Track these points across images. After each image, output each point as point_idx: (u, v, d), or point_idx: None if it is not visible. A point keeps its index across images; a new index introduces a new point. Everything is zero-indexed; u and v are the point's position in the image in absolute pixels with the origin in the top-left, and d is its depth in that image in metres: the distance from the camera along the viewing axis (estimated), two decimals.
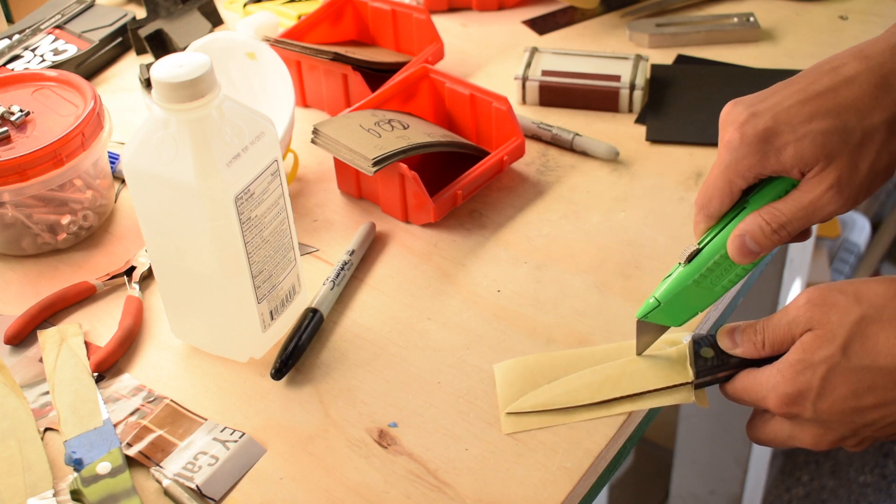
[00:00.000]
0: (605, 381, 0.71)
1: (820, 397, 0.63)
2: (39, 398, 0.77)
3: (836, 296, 0.63)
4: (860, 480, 1.99)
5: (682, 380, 0.70)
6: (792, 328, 0.64)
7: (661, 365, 0.71)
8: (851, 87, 0.64)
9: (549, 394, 0.72)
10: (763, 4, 1.17)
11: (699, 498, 1.72)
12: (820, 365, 0.62)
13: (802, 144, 0.63)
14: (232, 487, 0.70)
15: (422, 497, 0.68)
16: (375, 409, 0.74)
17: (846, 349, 0.62)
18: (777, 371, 0.64)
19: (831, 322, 0.62)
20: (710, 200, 0.68)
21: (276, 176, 0.73)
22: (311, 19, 1.08)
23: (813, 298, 0.63)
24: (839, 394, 0.62)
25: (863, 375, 0.62)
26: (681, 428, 1.66)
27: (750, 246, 0.66)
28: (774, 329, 0.66)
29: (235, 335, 0.77)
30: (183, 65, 0.67)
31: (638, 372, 0.71)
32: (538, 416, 0.71)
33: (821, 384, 0.63)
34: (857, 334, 0.62)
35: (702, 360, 0.69)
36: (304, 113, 1.06)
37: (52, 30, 1.15)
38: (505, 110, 0.93)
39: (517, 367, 0.74)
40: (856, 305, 0.62)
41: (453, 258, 0.86)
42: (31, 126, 0.88)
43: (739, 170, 0.66)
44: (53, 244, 0.89)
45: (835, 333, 0.62)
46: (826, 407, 0.63)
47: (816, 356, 0.62)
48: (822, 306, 0.63)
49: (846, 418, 0.63)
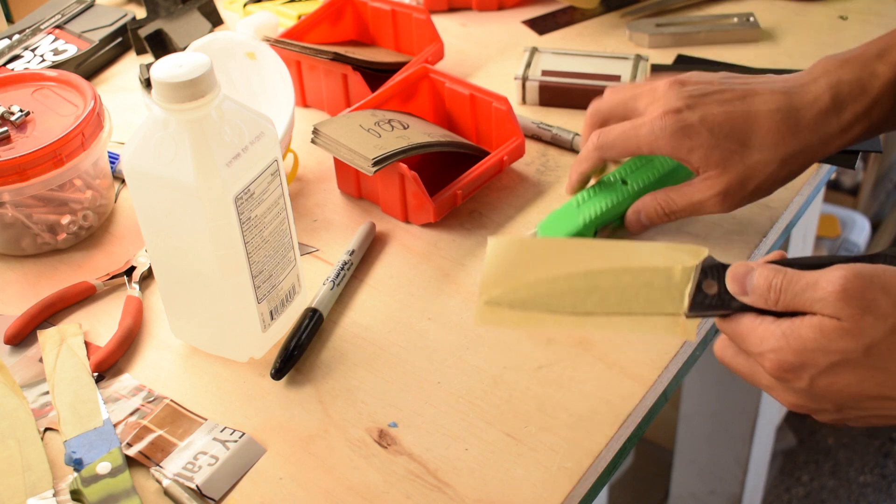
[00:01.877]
0: (593, 291, 0.65)
1: (821, 376, 0.59)
2: (39, 398, 0.77)
3: (878, 294, 0.58)
4: (860, 480, 1.99)
5: (674, 310, 0.63)
6: (815, 306, 0.59)
7: (657, 286, 0.64)
8: (766, 121, 0.76)
9: (531, 292, 0.65)
10: (763, 4, 1.17)
11: (699, 498, 1.72)
12: (835, 353, 0.58)
13: (711, 154, 0.77)
14: (232, 487, 0.70)
15: (422, 497, 0.68)
16: (375, 409, 0.74)
17: (870, 350, 0.58)
18: (783, 335, 0.60)
19: (864, 321, 0.58)
20: (611, 148, 0.80)
21: (276, 176, 0.73)
22: (311, 19, 1.08)
23: (851, 290, 0.58)
24: (843, 379, 0.59)
25: (876, 374, 0.59)
26: (681, 428, 1.66)
27: (643, 221, 0.82)
28: (796, 297, 0.60)
29: (235, 335, 0.77)
30: (183, 65, 0.67)
31: (630, 289, 0.64)
32: (515, 312, 0.65)
33: (828, 367, 0.59)
34: (888, 340, 0.58)
35: (702, 293, 0.63)
36: (304, 113, 1.06)
37: (52, 30, 1.15)
38: (505, 110, 0.93)
39: (512, 248, 0.67)
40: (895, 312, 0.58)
41: (453, 258, 0.86)
42: (31, 126, 0.88)
43: (651, 146, 0.78)
44: (53, 244, 0.89)
45: (863, 333, 0.58)
46: (823, 385, 0.60)
47: (834, 345, 0.58)
48: (860, 301, 0.58)
49: (839, 399, 0.60)
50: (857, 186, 2.23)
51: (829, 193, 2.24)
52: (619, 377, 0.75)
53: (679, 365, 0.78)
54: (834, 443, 2.07)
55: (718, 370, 1.51)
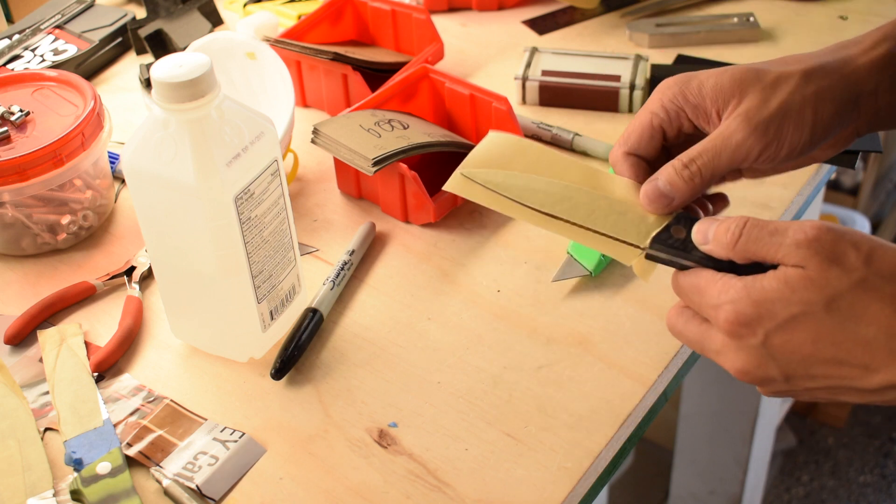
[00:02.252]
0: (566, 199, 0.65)
1: (778, 330, 0.57)
2: (39, 398, 0.77)
3: (847, 248, 0.57)
4: (860, 480, 1.99)
5: (636, 241, 0.63)
6: (780, 253, 0.57)
7: (629, 217, 0.64)
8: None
9: (508, 178, 0.65)
10: (763, 4, 1.17)
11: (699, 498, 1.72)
12: (796, 304, 0.56)
13: (722, 78, 0.66)
14: (232, 487, 0.70)
15: (422, 497, 0.68)
16: (375, 409, 0.74)
17: (831, 303, 0.56)
18: (743, 286, 0.58)
19: (830, 273, 0.56)
20: (630, 135, 0.67)
21: (276, 176, 0.73)
22: (311, 19, 1.08)
23: (822, 240, 0.56)
24: (800, 335, 0.57)
25: (834, 329, 0.56)
26: (681, 428, 1.66)
27: (662, 187, 0.64)
28: (758, 242, 0.58)
29: (235, 335, 0.77)
30: (182, 65, 0.67)
31: (602, 210, 0.64)
32: (485, 190, 0.65)
33: (787, 319, 0.57)
34: (851, 294, 0.56)
35: (666, 234, 0.62)
36: (304, 113, 1.06)
37: (52, 30, 1.15)
38: (505, 110, 0.93)
39: (507, 143, 0.67)
40: (864, 267, 0.56)
41: (453, 258, 0.86)
42: (31, 126, 0.88)
43: (662, 100, 0.67)
44: (53, 244, 0.89)
45: (828, 283, 0.56)
46: (778, 342, 0.57)
47: (797, 296, 0.56)
48: (828, 254, 0.56)
49: (791, 361, 0.58)
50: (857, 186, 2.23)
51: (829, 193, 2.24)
52: (619, 377, 0.75)
53: (679, 365, 0.78)
54: (834, 443, 2.07)
55: (718, 370, 1.51)
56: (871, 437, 2.07)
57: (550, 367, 0.76)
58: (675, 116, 0.67)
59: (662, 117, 0.67)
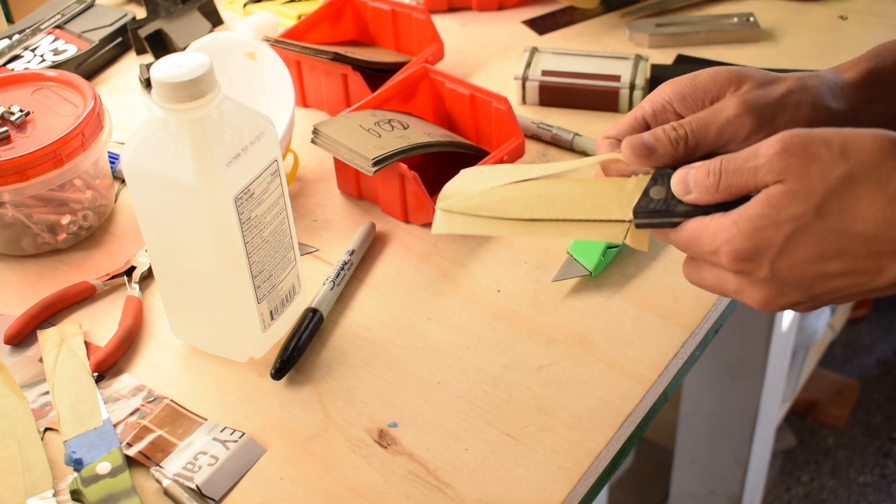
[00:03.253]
0: (542, 198, 0.64)
1: (780, 256, 0.56)
2: (39, 398, 0.77)
3: (819, 147, 0.55)
4: (860, 480, 1.99)
5: (621, 216, 0.62)
6: (759, 175, 0.56)
7: (607, 194, 0.63)
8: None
9: (484, 198, 0.65)
10: (763, 4, 1.17)
11: (699, 498, 1.72)
12: (787, 223, 0.55)
13: (719, 71, 0.65)
14: (232, 487, 0.70)
15: (422, 497, 0.68)
16: (375, 409, 0.74)
17: (821, 209, 0.54)
18: (733, 223, 0.57)
19: (810, 177, 0.55)
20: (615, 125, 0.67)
21: (276, 176, 0.73)
22: (311, 19, 1.08)
23: (790, 146, 0.55)
24: (803, 255, 0.56)
25: (834, 238, 0.55)
26: (681, 428, 1.66)
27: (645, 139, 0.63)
28: (737, 173, 0.57)
29: (235, 335, 0.77)
30: (182, 65, 0.67)
31: (579, 196, 0.63)
32: (467, 218, 0.65)
33: (784, 242, 0.56)
34: (837, 194, 0.54)
35: (647, 198, 0.61)
36: (304, 113, 1.06)
37: (52, 30, 1.15)
38: (505, 110, 0.93)
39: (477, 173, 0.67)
40: (841, 161, 0.55)
41: (453, 258, 0.86)
42: (31, 126, 0.88)
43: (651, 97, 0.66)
44: (53, 244, 0.89)
45: (812, 190, 0.55)
46: (785, 267, 0.56)
47: (784, 213, 0.55)
48: (802, 158, 0.55)
49: (805, 282, 0.57)
50: None
51: None
52: (619, 377, 0.75)
53: (679, 365, 0.78)
54: (834, 443, 2.07)
55: (718, 370, 1.52)
56: (871, 437, 2.07)
57: (550, 367, 0.76)
58: (660, 110, 0.66)
59: (647, 109, 0.66)
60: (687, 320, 0.79)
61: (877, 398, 2.14)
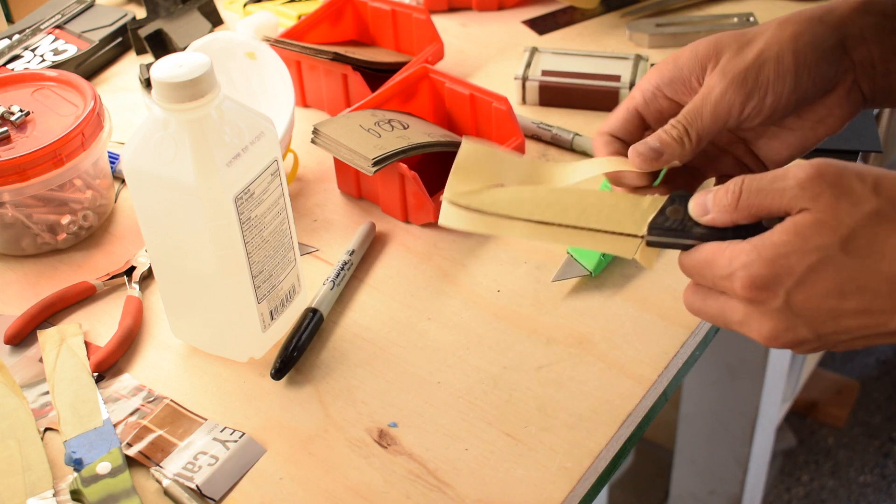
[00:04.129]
0: (555, 203, 0.63)
1: (798, 287, 0.54)
2: (39, 398, 0.77)
3: (852, 180, 0.53)
4: (860, 480, 1.99)
5: (634, 231, 0.61)
6: (785, 198, 0.54)
7: (622, 208, 0.62)
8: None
9: (494, 196, 0.64)
10: (763, 4, 1.17)
11: (699, 498, 1.72)
12: (811, 253, 0.53)
13: (698, 46, 0.64)
14: (232, 487, 0.70)
15: (422, 497, 0.68)
16: (375, 409, 0.74)
17: (847, 242, 0.53)
18: (753, 248, 0.54)
19: (840, 208, 0.53)
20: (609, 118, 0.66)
21: (276, 176, 0.73)
22: (311, 19, 1.08)
23: (825, 175, 0.53)
24: (822, 288, 0.53)
25: (856, 273, 0.53)
26: (681, 428, 1.66)
27: (651, 142, 0.63)
28: (760, 193, 0.55)
29: (235, 335, 0.77)
30: (182, 65, 0.67)
31: (593, 207, 0.62)
32: (474, 215, 0.64)
33: (805, 273, 0.53)
34: (866, 229, 0.53)
35: (663, 216, 0.60)
36: (304, 113, 1.06)
37: (52, 30, 1.15)
38: (505, 110, 0.93)
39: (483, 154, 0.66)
40: (873, 196, 0.53)
41: (453, 258, 0.86)
42: (31, 126, 0.88)
43: (640, 84, 0.66)
44: (53, 244, 0.89)
45: (840, 222, 0.53)
46: (801, 299, 0.54)
47: (811, 242, 0.53)
48: (834, 187, 0.53)
49: (818, 318, 0.54)
50: None
51: None
52: (619, 377, 0.75)
53: (679, 365, 0.78)
54: (834, 443, 2.07)
55: (718, 370, 1.52)
56: (871, 437, 2.07)
57: (550, 367, 0.76)
58: (651, 98, 0.65)
59: (638, 100, 0.66)
60: (687, 320, 0.79)
61: (877, 398, 2.14)
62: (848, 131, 0.94)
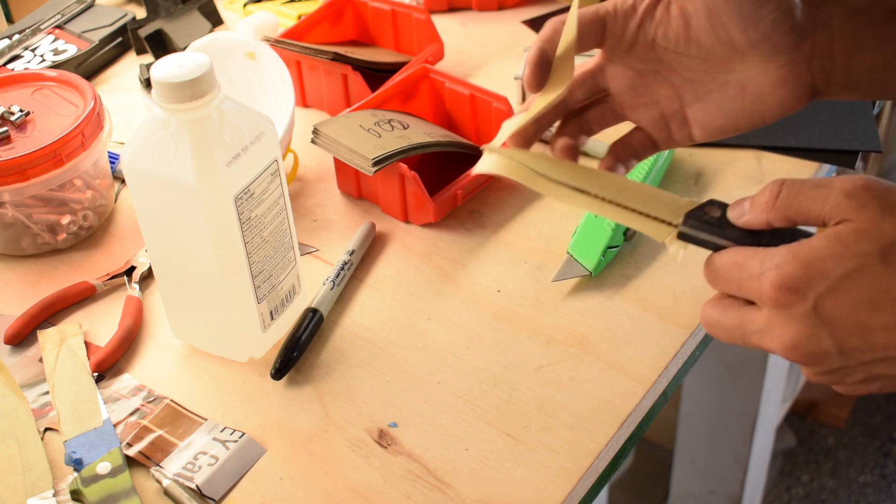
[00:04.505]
0: (595, 178, 0.63)
1: (830, 292, 0.52)
2: (39, 398, 0.77)
3: None
4: (860, 480, 1.99)
5: (669, 219, 0.60)
6: (828, 203, 0.53)
7: (661, 199, 0.61)
8: None
9: (536, 156, 0.64)
10: None
11: (699, 498, 1.72)
12: (850, 259, 0.51)
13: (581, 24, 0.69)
14: (232, 487, 0.70)
15: (422, 497, 0.68)
16: (375, 409, 0.74)
17: (887, 253, 0.51)
18: (789, 250, 0.53)
19: (884, 221, 0.51)
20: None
21: (276, 176, 0.73)
22: (311, 19, 1.08)
23: (872, 188, 0.52)
24: (855, 296, 0.52)
25: (892, 284, 0.51)
26: (681, 428, 1.66)
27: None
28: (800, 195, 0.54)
29: (235, 335, 0.77)
30: (182, 65, 0.67)
31: (631, 190, 0.62)
32: (516, 165, 0.64)
33: (840, 279, 0.52)
34: None
35: (701, 211, 0.59)
36: (304, 113, 1.06)
37: (52, 30, 1.15)
38: (505, 110, 0.93)
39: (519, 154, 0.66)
40: None
41: (453, 258, 0.86)
42: (31, 126, 0.88)
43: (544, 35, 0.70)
44: (53, 244, 0.89)
45: (882, 233, 0.51)
46: (831, 306, 0.52)
47: (850, 249, 0.51)
48: (881, 201, 0.52)
49: (845, 329, 0.52)
50: None
51: None
52: (619, 377, 0.75)
53: (679, 365, 0.78)
54: (834, 443, 2.07)
55: (718, 370, 1.52)
56: (871, 437, 2.07)
57: (550, 367, 0.76)
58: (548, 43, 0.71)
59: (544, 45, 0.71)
60: (687, 320, 0.79)
61: (877, 398, 2.14)
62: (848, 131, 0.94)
